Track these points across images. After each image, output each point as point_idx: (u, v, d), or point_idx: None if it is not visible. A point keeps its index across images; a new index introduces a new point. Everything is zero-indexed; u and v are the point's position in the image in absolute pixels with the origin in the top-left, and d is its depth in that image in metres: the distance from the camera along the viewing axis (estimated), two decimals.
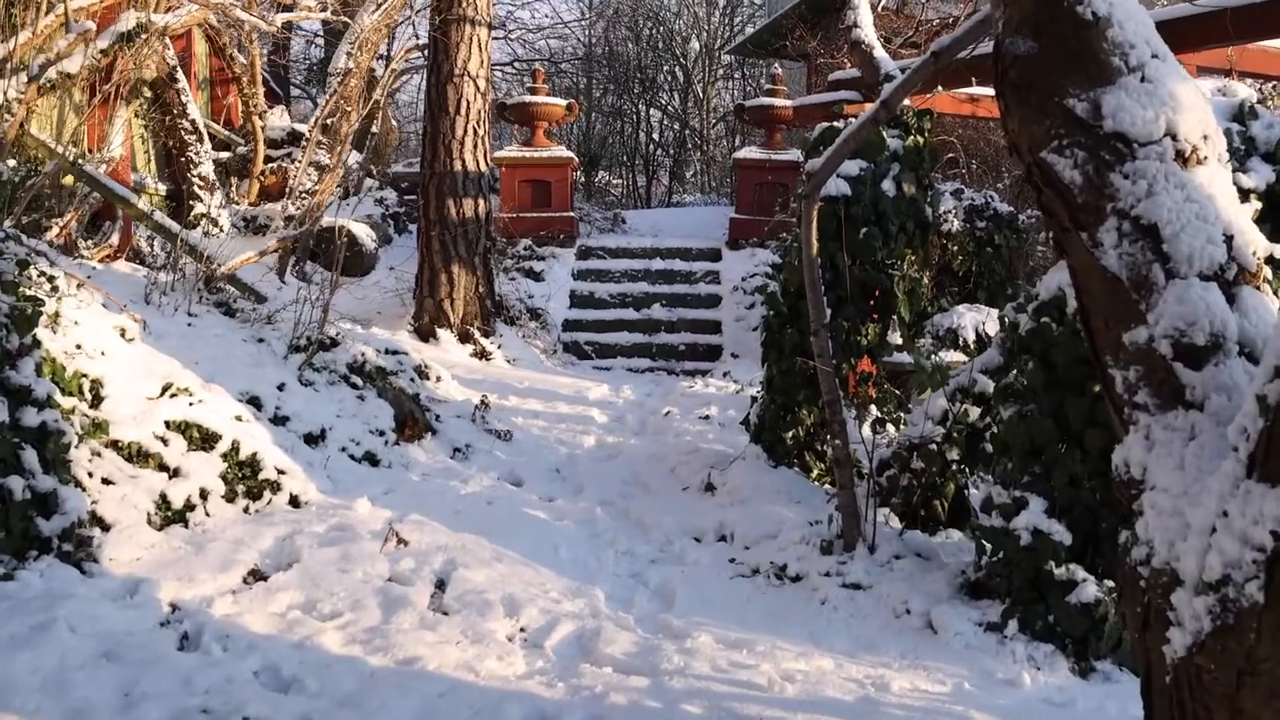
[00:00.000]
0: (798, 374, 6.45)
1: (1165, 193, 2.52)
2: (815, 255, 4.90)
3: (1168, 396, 2.39)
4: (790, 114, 12.79)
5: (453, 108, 10.22)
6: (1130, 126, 2.53)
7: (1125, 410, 2.56)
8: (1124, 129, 2.52)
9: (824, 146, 6.73)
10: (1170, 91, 2.67)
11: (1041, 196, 2.81)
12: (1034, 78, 2.80)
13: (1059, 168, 2.67)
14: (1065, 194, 2.66)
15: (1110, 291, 2.55)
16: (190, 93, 12.42)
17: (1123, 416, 2.57)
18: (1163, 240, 2.46)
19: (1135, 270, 2.50)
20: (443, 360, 9.55)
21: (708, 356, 11.25)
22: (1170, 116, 2.61)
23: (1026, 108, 2.82)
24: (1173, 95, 2.67)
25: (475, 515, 5.44)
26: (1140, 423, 2.48)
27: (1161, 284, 2.46)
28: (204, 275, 6.51)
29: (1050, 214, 2.82)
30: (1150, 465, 2.45)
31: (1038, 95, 2.76)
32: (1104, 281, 2.58)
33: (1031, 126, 2.78)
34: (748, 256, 12.40)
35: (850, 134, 4.46)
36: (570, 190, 13.18)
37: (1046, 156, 2.70)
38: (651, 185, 25.41)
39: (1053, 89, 2.73)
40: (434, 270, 10.31)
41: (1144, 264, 2.49)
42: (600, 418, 8.34)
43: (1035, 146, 2.76)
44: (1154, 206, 2.46)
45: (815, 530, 5.36)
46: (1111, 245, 2.50)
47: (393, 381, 6.75)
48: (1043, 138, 2.72)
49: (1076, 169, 2.64)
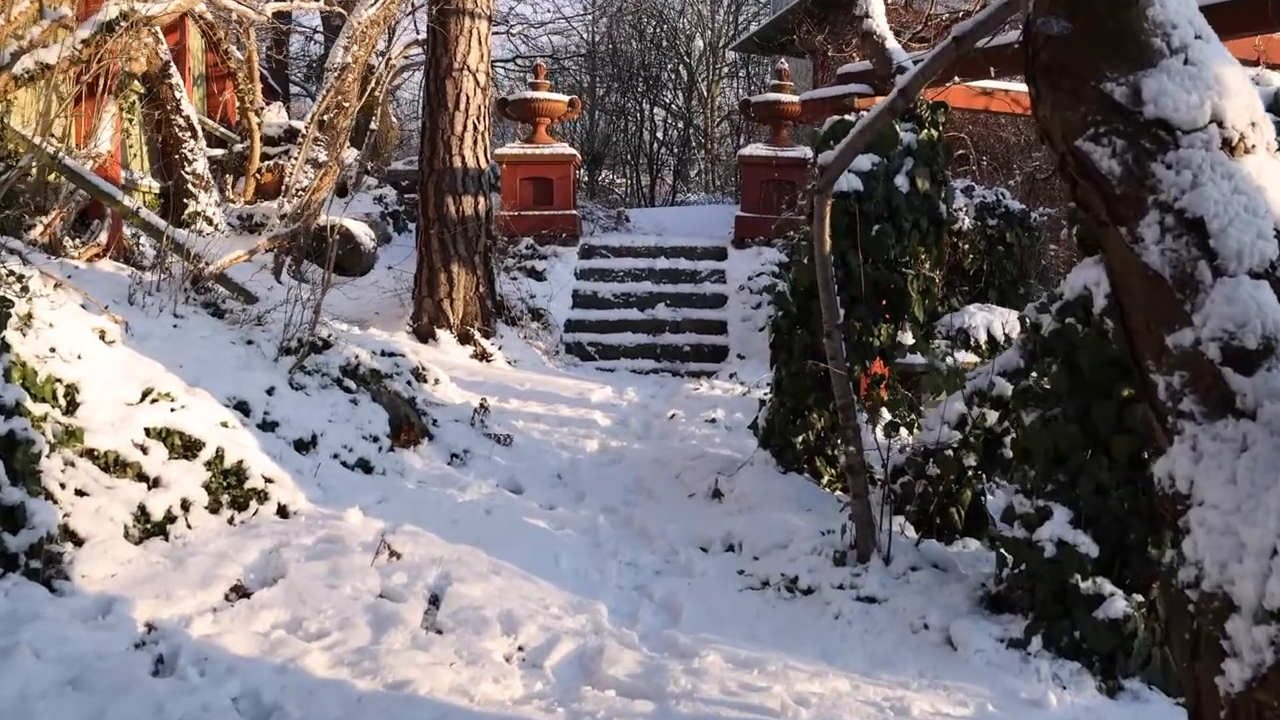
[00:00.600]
0: (808, 376, 6.22)
1: (1211, 184, 2.31)
2: (828, 253, 4.67)
3: (1216, 404, 2.19)
4: (797, 109, 12.54)
5: (452, 103, 9.99)
6: (1173, 113, 2.33)
7: (1169, 419, 2.36)
8: (1166, 115, 2.32)
9: (835, 141, 6.49)
10: (1215, 75, 2.46)
11: (1076, 189, 2.61)
12: (1068, 60, 2.59)
13: (1096, 157, 2.47)
14: (1103, 185, 2.46)
15: (1152, 291, 2.35)
16: (184, 88, 12.21)
17: (1166, 426, 2.37)
18: (1209, 235, 2.25)
19: (1179, 267, 2.29)
20: (442, 362, 9.32)
21: (713, 357, 11.01)
22: (1216, 102, 2.41)
23: (1060, 93, 2.61)
24: (1218, 79, 2.46)
25: (472, 525, 5.21)
26: (1186, 433, 2.28)
27: (1208, 282, 2.24)
28: (191, 275, 6.28)
29: (1086, 207, 2.61)
30: (1198, 479, 2.25)
31: (1072, 79, 2.55)
32: (1145, 280, 2.37)
33: (1065, 113, 2.58)
34: (754, 255, 12.17)
35: (865, 125, 4.22)
36: (573, 188, 12.96)
37: (1082, 145, 2.50)
38: (655, 184, 25.19)
39: (1089, 72, 2.53)
40: (433, 270, 10.08)
41: (1189, 261, 2.27)
42: (603, 421, 8.11)
43: (1070, 134, 2.55)
44: (1199, 199, 2.26)
45: (827, 540, 5.13)
46: (1153, 240, 2.29)
47: (388, 385, 6.52)
48: (1078, 125, 2.52)
49: (1115, 158, 2.44)
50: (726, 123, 26.52)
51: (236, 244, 11.63)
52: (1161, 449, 2.38)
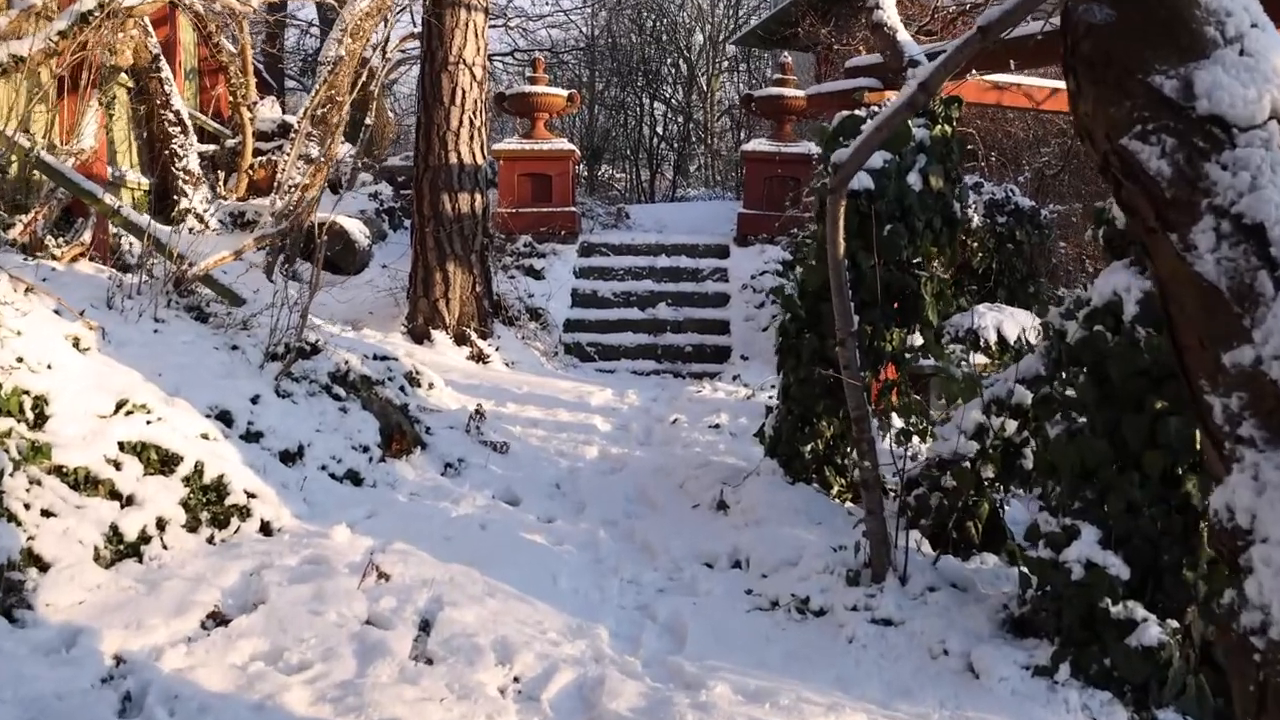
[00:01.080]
0: (817, 383, 5.97)
1: (1272, 186, 2.09)
2: (842, 257, 4.41)
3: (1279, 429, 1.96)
4: (801, 104, 12.28)
5: (447, 97, 9.73)
6: (1229, 108, 2.12)
7: (1226, 445, 2.14)
8: (1221, 111, 2.13)
9: (844, 136, 6.24)
10: (1275, 66, 2.24)
11: (1121, 191, 2.38)
12: (1112, 51, 2.36)
13: (1143, 157, 2.25)
14: (1151, 188, 2.24)
15: (1207, 304, 2.14)
16: (174, 82, 11.94)
17: (1223, 452, 2.14)
18: (1270, 243, 2.05)
19: (1237, 278, 2.08)
20: (437, 364, 9.07)
21: (716, 358, 10.76)
22: (1276, 96, 2.20)
23: (1103, 86, 2.37)
24: (1277, 71, 2.23)
25: (466, 542, 4.95)
26: (1246, 460, 2.06)
27: (1270, 295, 2.04)
28: (174, 276, 6.02)
29: (1132, 211, 2.38)
30: (1261, 512, 2.03)
31: (1117, 71, 2.32)
32: (1199, 292, 2.15)
33: (1109, 109, 2.34)
34: (757, 253, 11.91)
35: (883, 121, 3.96)
36: (572, 184, 12.69)
37: (1128, 144, 2.24)
38: (655, 180, 24.94)
39: (1135, 64, 2.30)
40: (428, 269, 9.82)
41: (1248, 271, 2.06)
42: (603, 426, 7.86)
43: (1114, 132, 2.32)
44: (1258, 202, 2.06)
45: (840, 557, 4.88)
46: (1208, 249, 2.09)
47: (379, 391, 6.26)
48: (1123, 122, 2.29)
49: (1164, 158, 2.23)
50: (727, 118, 26.28)
51: (226, 242, 11.37)
52: (1218, 478, 2.17)
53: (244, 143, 13.01)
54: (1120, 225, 4.39)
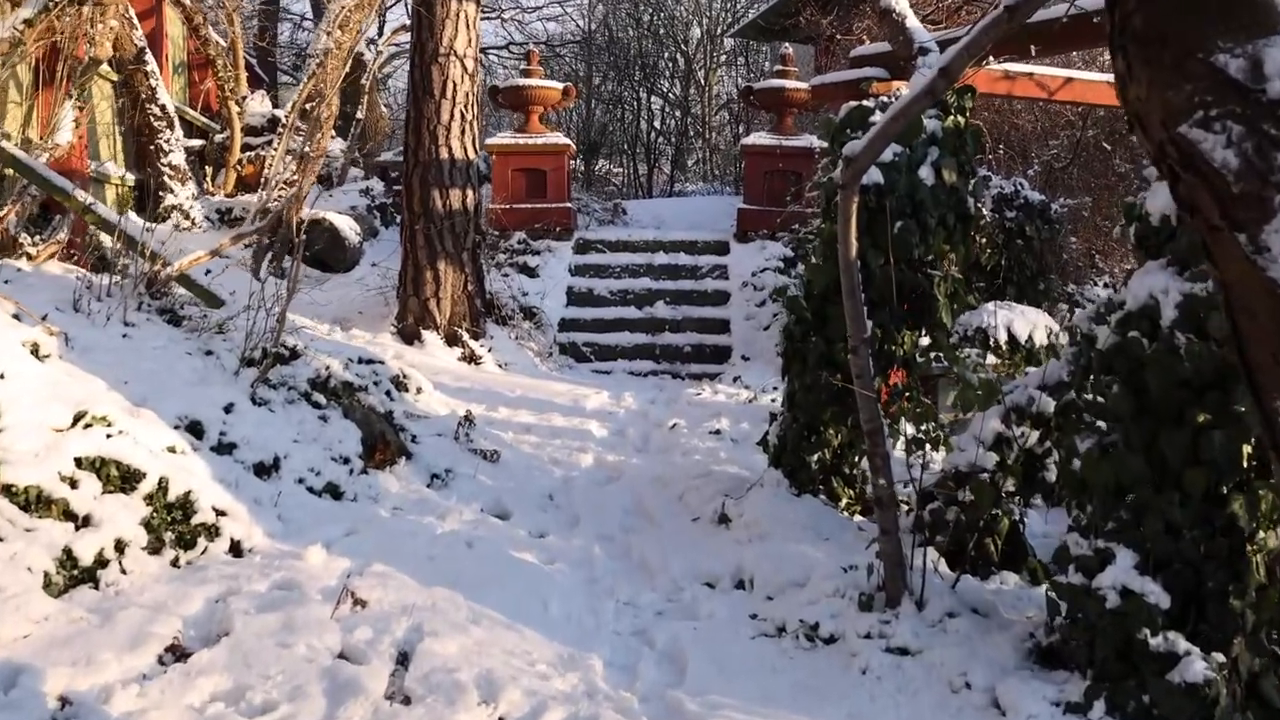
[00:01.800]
0: (823, 389, 5.65)
1: None
2: (854, 258, 4.09)
3: None
4: (803, 96, 11.95)
5: (438, 90, 9.40)
6: None
7: None
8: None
9: (851, 129, 5.92)
10: None
11: (1179, 185, 2.09)
12: (1168, 26, 2.07)
13: (1206, 146, 1.99)
14: (1215, 182, 1.98)
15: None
16: (160, 76, 11.61)
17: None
18: None
19: None
20: (427, 366, 8.74)
21: (716, 358, 10.44)
22: None
23: (1158, 68, 2.07)
24: None
25: (451, 562, 4.63)
26: None
27: None
28: (146, 277, 5.69)
29: (1192, 208, 2.09)
30: None
31: (1174, 51, 2.04)
32: (1272, 299, 1.89)
33: (1166, 93, 2.05)
34: (757, 250, 11.58)
35: (900, 110, 3.64)
36: (567, 180, 12.36)
37: (1188, 132, 1.95)
38: (653, 175, 24.61)
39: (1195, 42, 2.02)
40: (418, 267, 9.49)
41: None
42: (599, 431, 7.54)
43: (1171, 119, 2.02)
44: None
45: (851, 579, 4.55)
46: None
47: (361, 398, 5.93)
48: (1182, 107, 2.00)
49: (1230, 148, 1.96)
50: (725, 112, 25.98)
51: (205, 240, 11.04)
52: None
53: (231, 138, 12.70)
54: (1155, 222, 4.07)
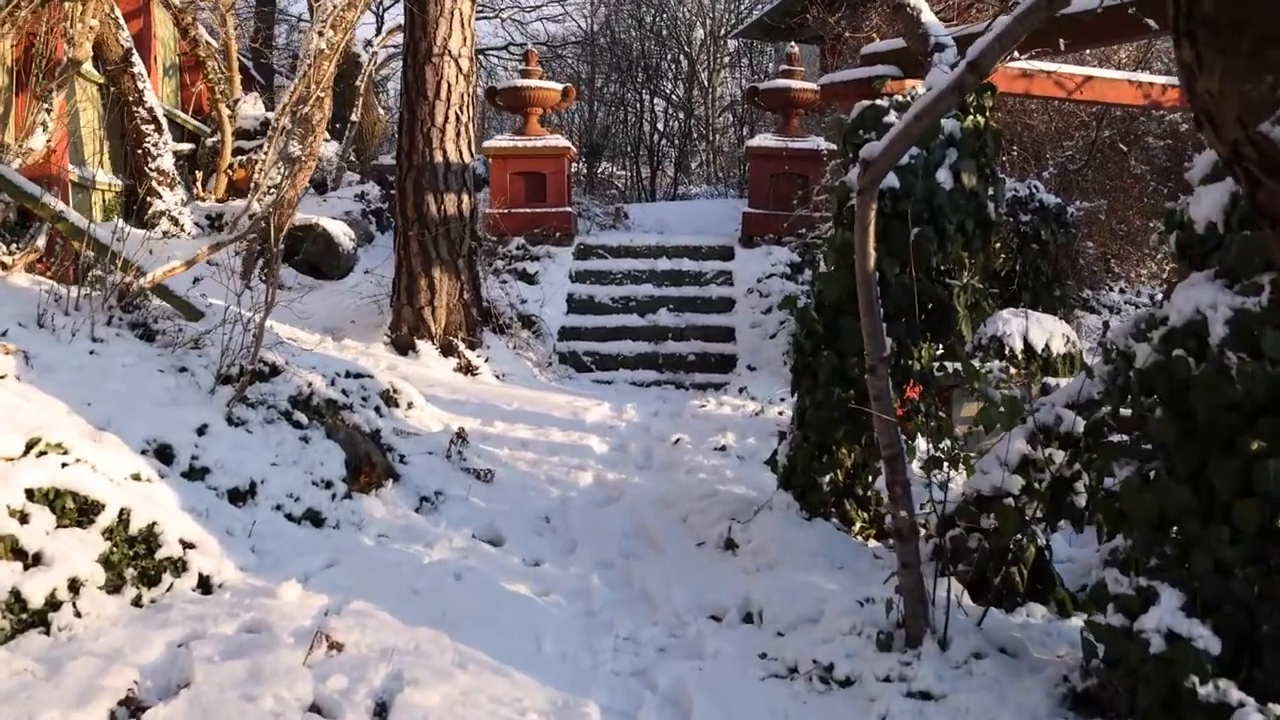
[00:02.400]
0: (836, 406, 5.33)
1: None
2: (872, 269, 3.77)
3: None
4: (810, 97, 11.62)
5: (432, 91, 9.09)
6: None
7: None
8: None
9: (865, 129, 5.60)
10: None
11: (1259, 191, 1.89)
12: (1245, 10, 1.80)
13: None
14: None
15: None
16: (148, 78, 11.29)
17: None
18: None
19: None
20: (421, 377, 8.43)
21: (720, 368, 10.11)
22: None
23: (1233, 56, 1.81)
24: None
25: (438, 597, 4.30)
26: None
27: None
28: (117, 288, 5.37)
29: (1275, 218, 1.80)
30: None
31: (1253, 38, 1.77)
32: None
33: (1243, 85, 1.81)
34: (763, 255, 11.26)
35: (923, 109, 3.32)
36: (567, 183, 12.04)
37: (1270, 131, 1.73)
38: (656, 178, 24.30)
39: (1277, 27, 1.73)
40: (412, 275, 9.18)
41: None
42: (599, 447, 7.21)
43: (1249, 115, 1.80)
44: None
45: (868, 614, 4.23)
46: None
47: (345, 417, 5.61)
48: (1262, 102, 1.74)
49: None
50: (729, 113, 25.69)
51: (197, 248, 10.75)
52: None
53: (222, 141, 12.39)
54: (1200, 230, 3.74)
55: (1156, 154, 12.79)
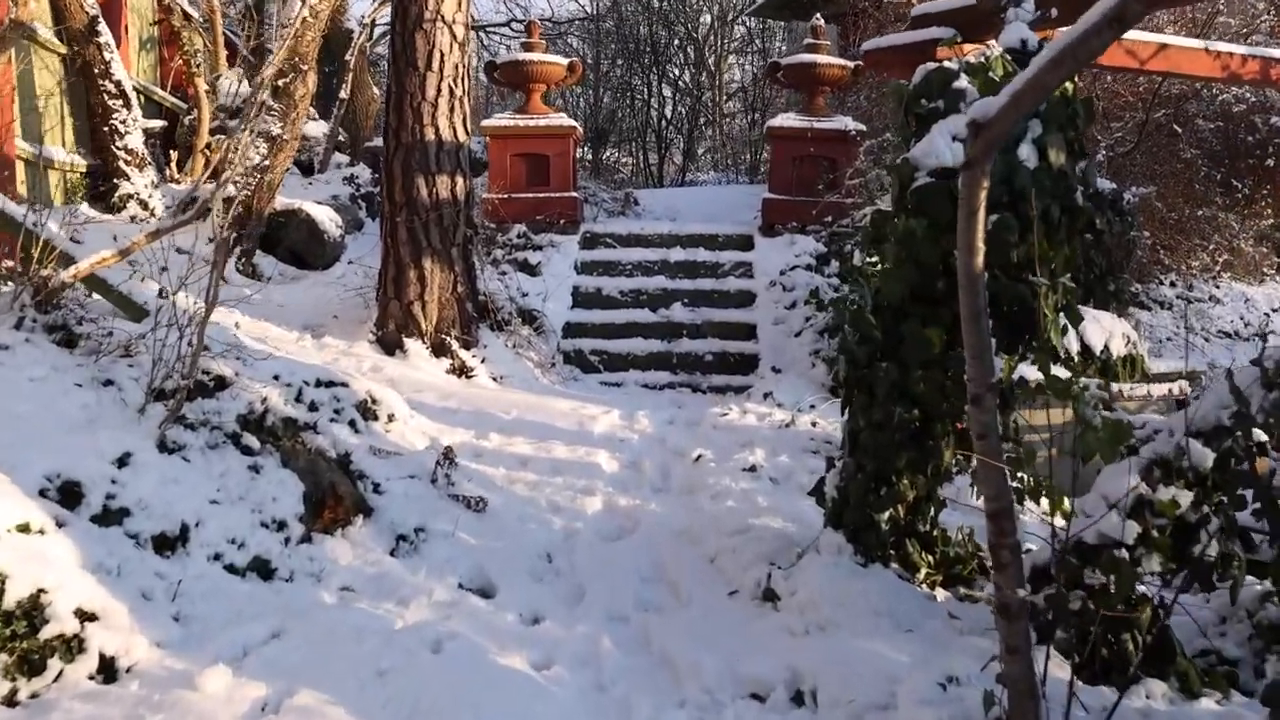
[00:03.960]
0: (897, 428, 4.42)
1: None
2: (980, 269, 2.86)
3: None
4: (837, 73, 10.66)
5: (423, 61, 8.15)
6: None
7: None
8: None
9: (929, 98, 4.67)
10: None
11: None
12: None
13: None
14: None
15: None
16: (116, 48, 10.36)
17: None
18: None
19: None
20: (409, 381, 7.53)
21: (741, 368, 9.19)
22: None
23: None
24: None
25: (410, 679, 3.40)
26: None
27: None
28: (29, 284, 4.46)
29: None
30: None
31: None
32: None
33: None
34: (786, 244, 10.32)
35: (1063, 51, 2.40)
36: (573, 166, 11.11)
37: None
38: (664, 164, 23.36)
39: None
40: (400, 266, 8.26)
41: None
42: (609, 465, 6.31)
43: None
44: None
45: (955, 704, 3.32)
46: None
47: (307, 439, 4.70)
48: None
49: None
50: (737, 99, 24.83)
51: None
52: None
53: (199, 119, 11.46)
54: None
55: (1207, 137, 11.84)
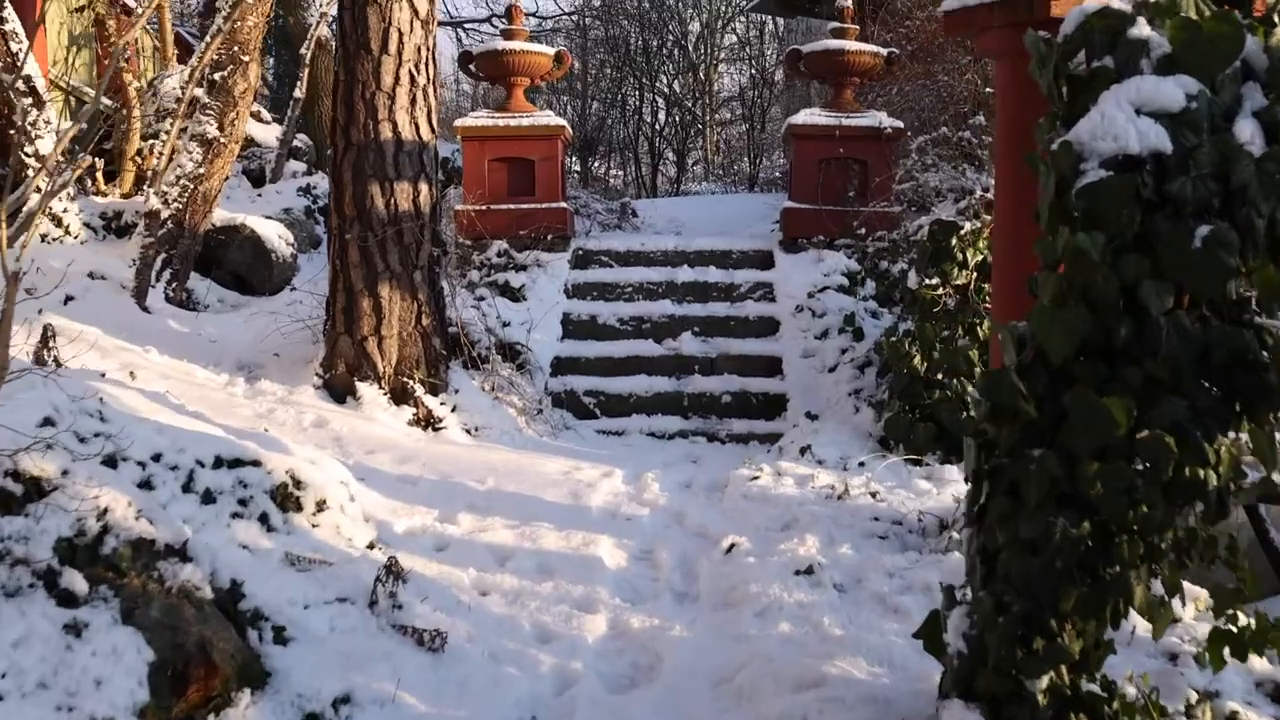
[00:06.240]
0: (1060, 550, 2.90)
1: None
2: None
3: None
4: (869, 62, 9.17)
5: (377, 42, 6.63)
6: None
7: None
8: None
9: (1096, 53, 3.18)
10: None
11: None
12: None
13: None
14: None
15: None
16: (28, 39, 8.82)
17: None
18: None
19: None
20: (360, 438, 6.00)
21: (766, 412, 7.68)
22: None
23: None
24: None
25: None
26: None
27: None
28: None
29: None
30: None
31: None
32: None
33: None
34: (812, 261, 8.82)
35: None
36: (562, 172, 9.61)
37: None
38: (656, 174, 21.99)
39: None
40: (351, 294, 6.73)
41: None
42: (613, 558, 4.77)
43: None
44: None
45: None
46: None
47: (168, 573, 3.14)
48: None
49: None
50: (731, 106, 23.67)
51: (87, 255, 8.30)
52: None
53: (130, 121, 9.92)
54: None
55: None
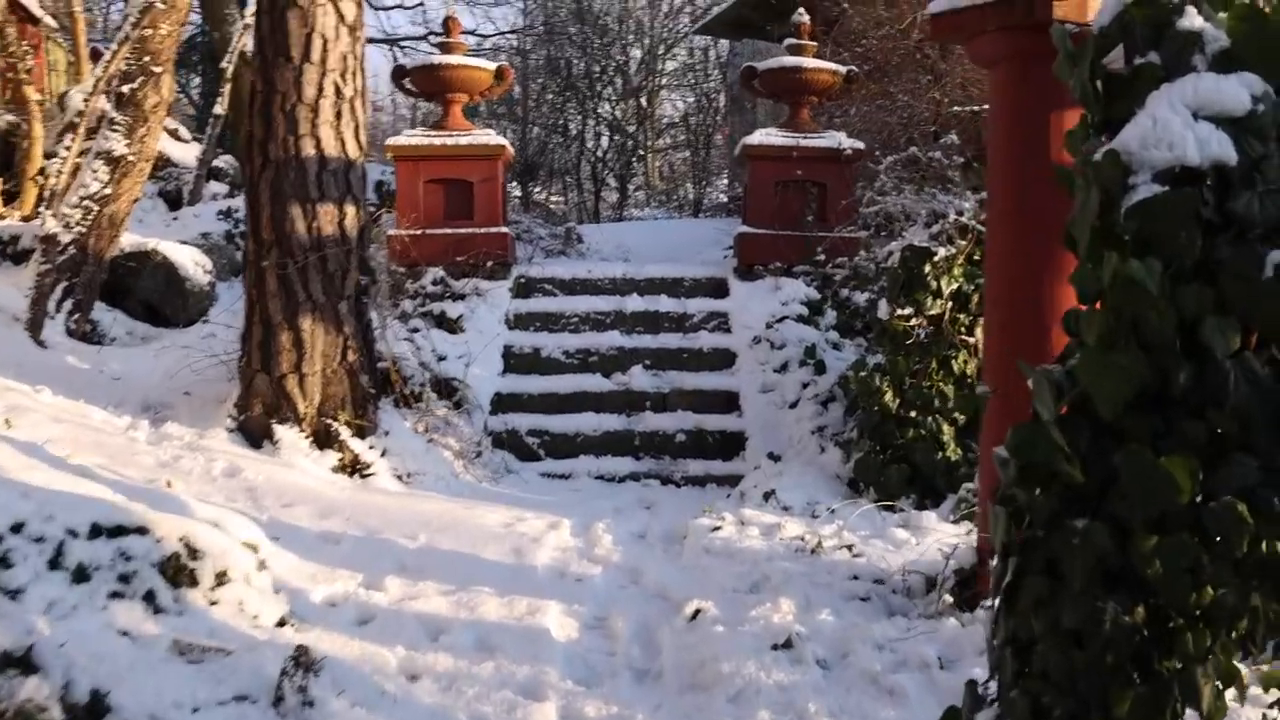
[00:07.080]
0: (1110, 642, 2.39)
1: None
2: None
3: None
4: (827, 79, 8.76)
5: (298, 49, 6.03)
6: None
7: None
8: None
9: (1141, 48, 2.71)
10: None
11: None
12: None
13: None
14: None
15: None
16: None
17: None
18: None
19: None
20: (277, 488, 5.37)
21: (724, 451, 7.17)
22: None
23: None
24: None
25: None
26: None
27: None
28: None
29: None
30: None
31: None
32: None
33: None
34: (769, 290, 8.35)
35: None
36: (503, 195, 9.06)
37: None
38: (599, 200, 21.53)
39: None
40: (269, 326, 6.09)
41: None
42: (562, 629, 4.19)
43: None
44: None
45: None
46: None
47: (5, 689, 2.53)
48: None
49: None
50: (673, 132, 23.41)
51: None
52: None
53: (31, 139, 9.18)
54: None
55: None
